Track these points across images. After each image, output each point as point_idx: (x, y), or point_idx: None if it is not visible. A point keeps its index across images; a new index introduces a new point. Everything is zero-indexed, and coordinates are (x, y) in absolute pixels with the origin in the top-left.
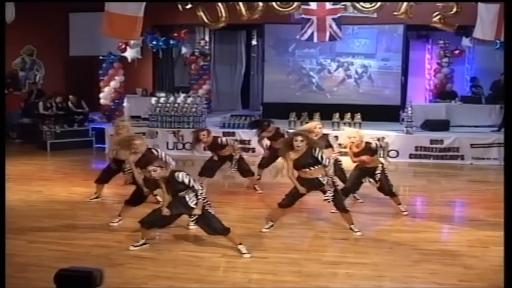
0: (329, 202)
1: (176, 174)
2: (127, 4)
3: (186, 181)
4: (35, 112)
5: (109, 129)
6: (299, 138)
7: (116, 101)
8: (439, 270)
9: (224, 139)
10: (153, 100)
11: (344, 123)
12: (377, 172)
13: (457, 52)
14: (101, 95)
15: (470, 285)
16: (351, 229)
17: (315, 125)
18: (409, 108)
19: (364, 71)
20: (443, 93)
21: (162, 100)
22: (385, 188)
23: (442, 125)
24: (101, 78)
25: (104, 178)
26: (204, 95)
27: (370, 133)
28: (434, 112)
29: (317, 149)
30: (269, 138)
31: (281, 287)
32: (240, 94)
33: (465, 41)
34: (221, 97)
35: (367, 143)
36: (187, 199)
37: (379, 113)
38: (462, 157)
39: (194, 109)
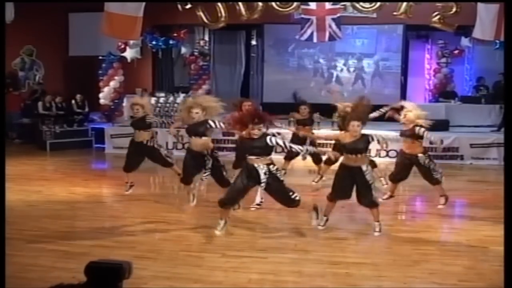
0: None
1: (268, 137)
2: (126, 4)
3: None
4: (34, 112)
5: (109, 129)
6: (356, 123)
7: (116, 101)
8: (439, 270)
9: None
10: (153, 100)
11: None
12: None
13: (456, 52)
14: (100, 95)
15: (470, 285)
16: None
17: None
18: None
19: (363, 71)
20: (443, 93)
21: (161, 100)
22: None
23: (442, 125)
24: (101, 78)
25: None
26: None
27: (370, 133)
28: (433, 112)
29: (374, 137)
30: (298, 123)
31: (281, 287)
32: (240, 94)
33: (465, 41)
34: (220, 97)
35: (415, 125)
36: (259, 169)
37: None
38: (462, 157)
39: None
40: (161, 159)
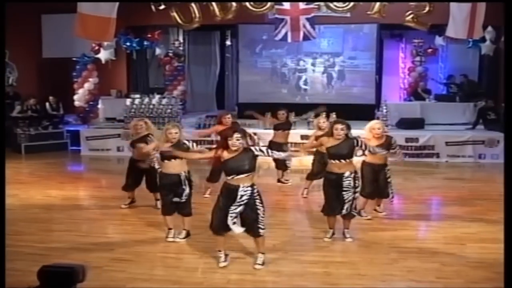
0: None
1: (253, 149)
2: (99, 5)
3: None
4: (8, 115)
5: (84, 131)
6: (340, 126)
7: (91, 103)
8: (417, 267)
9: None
10: (128, 101)
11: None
12: (387, 169)
13: (430, 50)
14: (75, 97)
15: (447, 282)
16: (343, 233)
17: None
18: (384, 107)
19: (340, 71)
20: (417, 92)
21: (137, 101)
22: (385, 188)
23: (417, 124)
24: (75, 80)
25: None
26: (179, 96)
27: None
28: (409, 110)
29: (359, 141)
30: (275, 128)
31: (260, 287)
32: (215, 95)
33: (438, 40)
34: (196, 97)
35: (387, 136)
36: (240, 187)
37: (354, 112)
38: (438, 155)
39: (169, 110)
40: (154, 182)
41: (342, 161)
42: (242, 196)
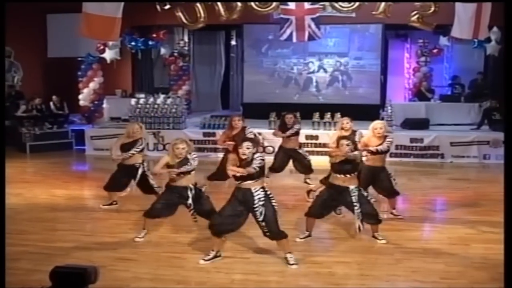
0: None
1: (256, 155)
2: (104, 4)
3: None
4: (13, 114)
5: (89, 131)
6: (345, 142)
7: (96, 102)
8: (421, 268)
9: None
10: (133, 101)
11: (324, 123)
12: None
13: (435, 51)
14: (80, 96)
15: (451, 283)
16: (374, 236)
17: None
18: (389, 107)
19: (345, 71)
20: (420, 92)
21: (141, 101)
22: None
23: (422, 124)
24: (80, 79)
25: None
26: (183, 95)
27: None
28: (413, 110)
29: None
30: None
31: (264, 287)
32: (220, 95)
33: (443, 40)
34: (201, 97)
35: (386, 136)
36: (252, 190)
37: (359, 112)
38: (442, 156)
39: (174, 110)
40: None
41: (347, 175)
42: (258, 196)
